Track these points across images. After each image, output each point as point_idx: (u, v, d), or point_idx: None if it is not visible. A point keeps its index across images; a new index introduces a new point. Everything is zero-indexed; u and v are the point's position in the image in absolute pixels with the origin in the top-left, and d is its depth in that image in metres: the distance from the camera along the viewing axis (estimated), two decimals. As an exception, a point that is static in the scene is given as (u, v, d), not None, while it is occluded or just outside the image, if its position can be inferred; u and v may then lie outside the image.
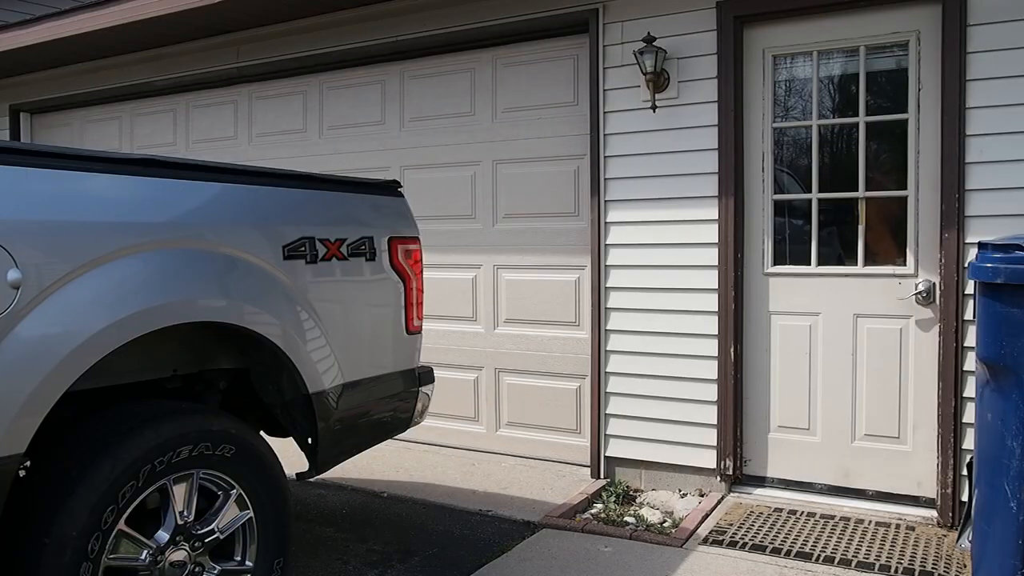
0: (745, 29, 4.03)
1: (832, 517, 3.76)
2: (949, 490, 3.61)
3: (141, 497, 2.17)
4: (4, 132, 6.82)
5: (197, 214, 2.42)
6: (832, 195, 3.99)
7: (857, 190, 3.92)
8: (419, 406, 3.28)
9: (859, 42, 3.85)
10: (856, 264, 3.92)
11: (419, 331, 3.26)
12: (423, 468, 4.62)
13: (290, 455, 2.87)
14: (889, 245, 3.94)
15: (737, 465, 4.10)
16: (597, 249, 4.35)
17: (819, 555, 3.35)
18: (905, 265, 3.81)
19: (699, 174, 4.08)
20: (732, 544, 3.48)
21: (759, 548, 3.42)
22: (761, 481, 4.14)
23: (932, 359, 3.73)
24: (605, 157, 4.31)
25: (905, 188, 3.80)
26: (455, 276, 4.94)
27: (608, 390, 4.37)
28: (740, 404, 4.10)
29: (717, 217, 4.03)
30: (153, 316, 2.19)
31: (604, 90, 4.31)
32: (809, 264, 4.03)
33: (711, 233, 4.06)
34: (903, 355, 3.83)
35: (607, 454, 4.39)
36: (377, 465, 4.64)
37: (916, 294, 3.74)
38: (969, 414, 3.51)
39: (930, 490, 3.77)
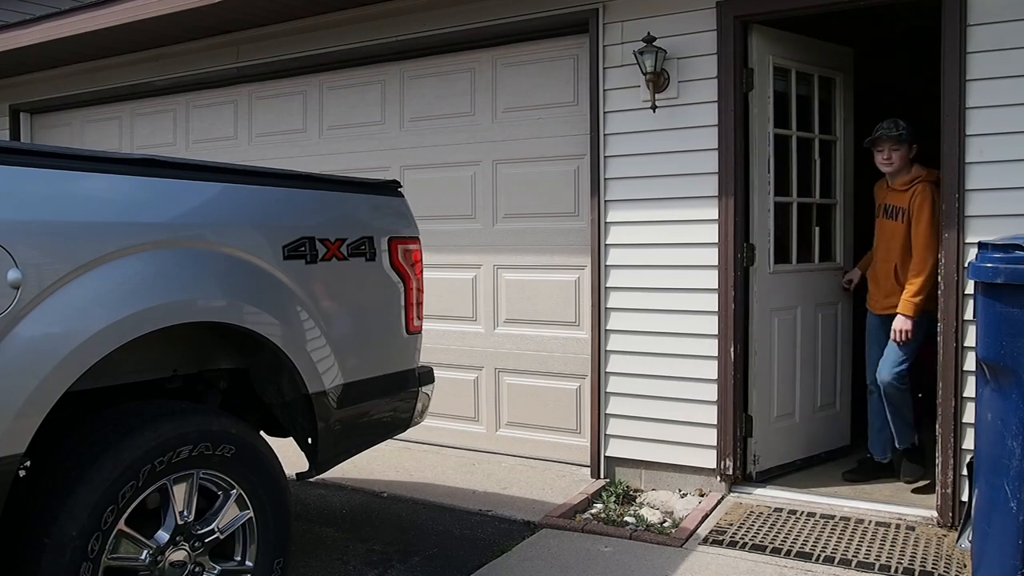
0: (745, 29, 4.03)
1: (832, 517, 3.76)
2: (949, 490, 3.61)
3: (141, 497, 2.17)
4: (4, 132, 6.82)
5: (197, 214, 2.42)
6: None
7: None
8: (419, 406, 3.28)
9: (859, 42, 3.85)
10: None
11: (419, 331, 3.26)
12: (423, 468, 4.62)
13: (290, 455, 2.87)
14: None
15: (737, 465, 4.10)
16: (597, 249, 4.34)
17: (819, 555, 3.35)
18: (905, 265, 3.82)
19: (699, 174, 4.07)
20: (732, 544, 3.48)
21: (759, 548, 3.42)
22: (761, 481, 4.14)
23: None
24: (605, 157, 4.31)
25: (905, 188, 3.80)
26: (455, 276, 4.94)
27: (608, 390, 4.37)
28: (740, 404, 4.09)
29: (717, 217, 4.03)
30: (153, 316, 2.19)
31: (604, 90, 4.31)
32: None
33: (711, 233, 4.05)
34: (903, 355, 3.83)
35: (607, 454, 4.39)
36: (377, 465, 4.64)
37: (916, 294, 3.75)
38: (969, 414, 3.50)
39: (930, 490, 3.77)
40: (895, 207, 3.94)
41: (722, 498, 4.06)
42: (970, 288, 3.49)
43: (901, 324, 3.86)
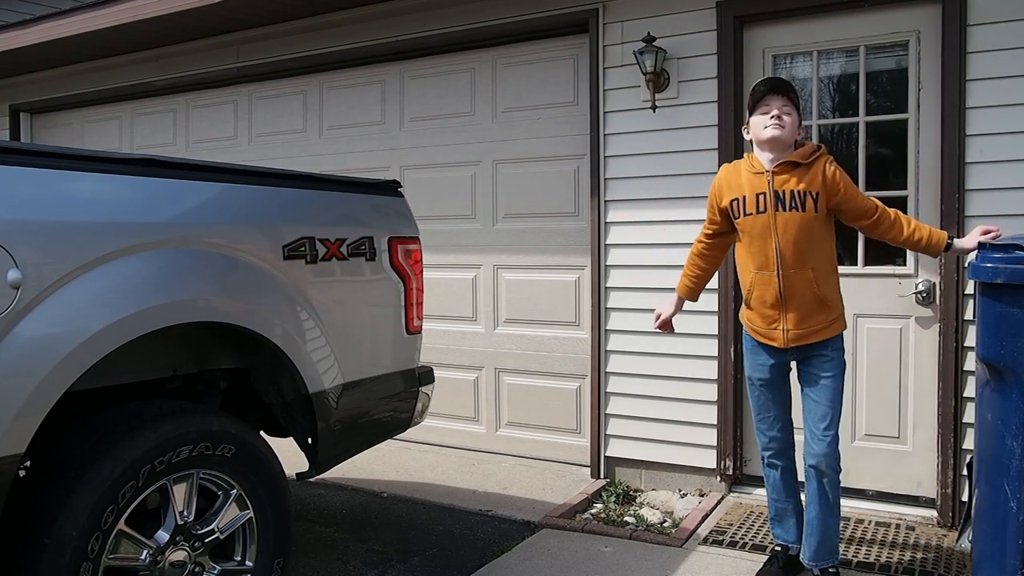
0: (745, 29, 4.03)
1: (832, 517, 3.75)
2: (949, 490, 3.61)
3: (141, 497, 2.16)
4: (4, 132, 6.82)
5: (197, 214, 2.42)
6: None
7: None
8: (419, 406, 3.28)
9: (859, 42, 3.85)
10: (856, 264, 3.92)
11: (419, 331, 3.26)
12: (423, 468, 4.62)
13: (290, 455, 2.87)
14: (889, 244, 3.94)
15: (737, 465, 4.10)
16: (597, 249, 4.35)
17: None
18: (905, 265, 3.81)
19: (699, 174, 4.07)
20: (732, 544, 3.48)
21: (759, 548, 3.42)
22: (761, 481, 4.12)
23: (932, 359, 3.73)
24: (605, 157, 4.31)
25: (905, 188, 3.79)
26: (455, 276, 4.94)
27: (608, 390, 4.37)
28: (740, 404, 4.10)
29: (717, 217, 4.03)
30: (153, 316, 2.19)
31: (604, 90, 4.31)
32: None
33: (711, 233, 4.05)
34: (903, 355, 3.83)
35: (607, 454, 4.39)
36: (377, 465, 4.64)
37: (916, 294, 3.74)
38: (969, 414, 3.51)
39: (930, 490, 3.77)
40: (798, 192, 2.80)
41: (722, 498, 4.06)
42: (970, 288, 3.49)
43: (975, 237, 2.77)
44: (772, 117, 2.83)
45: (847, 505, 3.87)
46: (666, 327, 3.27)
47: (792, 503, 3.13)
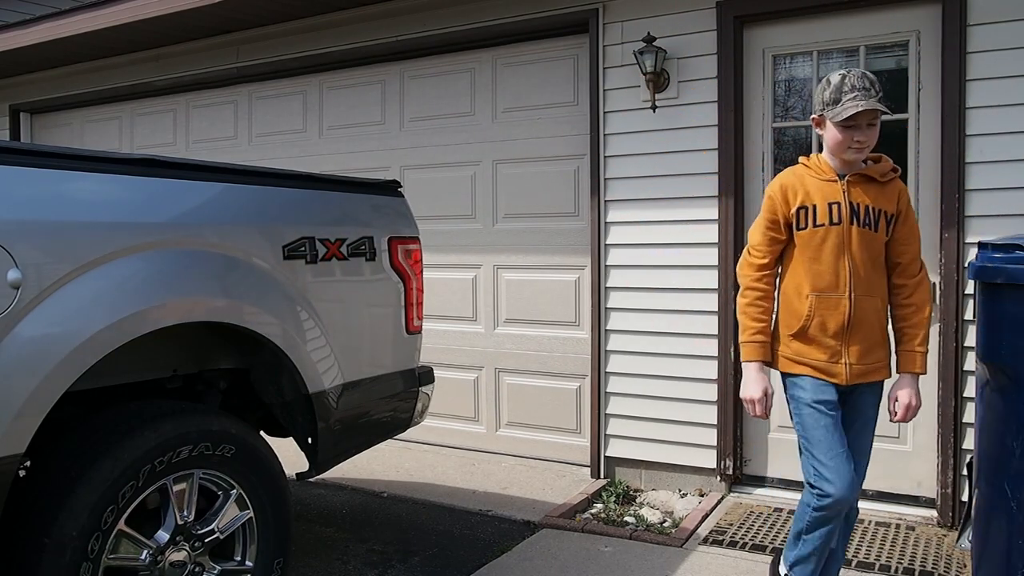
0: (745, 29, 4.03)
1: (832, 517, 3.75)
2: (949, 490, 3.61)
3: (141, 497, 2.17)
4: (4, 132, 6.82)
5: (197, 214, 2.42)
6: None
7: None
8: (419, 406, 3.28)
9: (859, 42, 3.85)
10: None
11: (419, 331, 3.26)
12: (423, 468, 4.62)
13: (290, 455, 2.87)
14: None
15: (737, 465, 4.10)
16: (597, 249, 4.35)
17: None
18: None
19: (699, 174, 4.08)
20: (732, 544, 3.48)
21: (759, 548, 3.42)
22: (761, 481, 4.15)
23: (932, 359, 3.71)
24: (605, 157, 4.31)
25: (905, 188, 3.80)
26: (455, 276, 4.94)
27: (608, 390, 4.37)
28: (740, 404, 4.09)
29: (717, 217, 4.03)
30: (153, 316, 2.19)
31: (604, 90, 4.31)
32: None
33: (711, 233, 4.06)
34: (903, 355, 3.83)
35: (607, 454, 4.39)
36: (377, 465, 4.64)
37: (916, 294, 3.73)
38: (969, 414, 3.51)
39: (930, 490, 3.77)
40: (873, 209, 2.46)
41: (722, 498, 4.06)
42: (970, 288, 3.49)
43: (915, 396, 2.51)
44: (857, 140, 2.39)
45: (847, 505, 3.88)
46: (766, 409, 2.56)
47: (834, 559, 2.65)
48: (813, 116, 2.52)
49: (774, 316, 2.57)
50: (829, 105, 2.41)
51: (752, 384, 2.53)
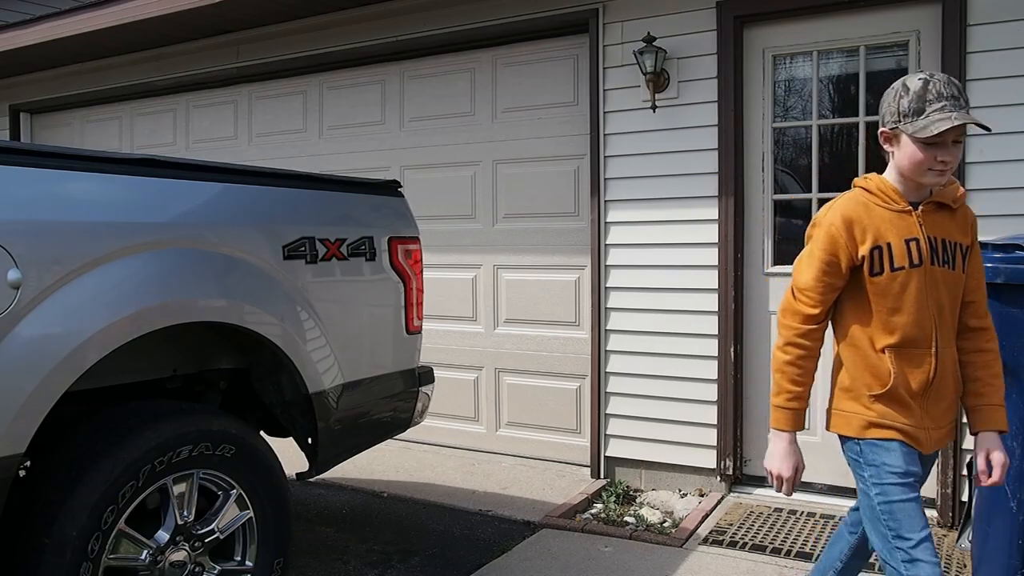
0: (745, 29, 4.03)
1: (832, 517, 3.76)
2: (949, 490, 3.61)
3: (141, 497, 2.17)
4: (4, 132, 6.82)
5: (197, 214, 2.42)
6: (833, 195, 3.99)
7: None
8: (419, 406, 3.28)
9: (859, 42, 3.85)
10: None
11: (419, 331, 3.26)
12: (423, 468, 4.62)
13: (290, 455, 2.87)
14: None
15: (737, 465, 4.10)
16: (597, 249, 4.35)
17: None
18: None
19: (699, 174, 4.08)
20: (732, 544, 3.48)
21: (759, 548, 3.42)
22: (761, 481, 4.14)
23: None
24: (605, 157, 4.31)
25: (905, 188, 3.80)
26: (455, 276, 4.94)
27: (608, 390, 4.37)
28: (740, 404, 4.10)
29: (717, 217, 4.03)
30: (153, 316, 2.19)
31: (604, 90, 4.31)
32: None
33: (711, 233, 4.06)
34: (903, 355, 3.83)
35: (607, 454, 4.39)
36: (377, 465, 4.64)
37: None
38: (969, 414, 3.51)
39: (930, 490, 3.76)
40: (950, 243, 2.05)
41: (722, 498, 4.06)
42: (970, 288, 3.49)
43: (1003, 455, 2.05)
44: (941, 161, 1.94)
45: (847, 505, 3.88)
46: (794, 487, 2.15)
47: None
48: (882, 130, 2.04)
49: (840, 371, 2.11)
50: (909, 117, 1.95)
51: (782, 458, 2.09)
